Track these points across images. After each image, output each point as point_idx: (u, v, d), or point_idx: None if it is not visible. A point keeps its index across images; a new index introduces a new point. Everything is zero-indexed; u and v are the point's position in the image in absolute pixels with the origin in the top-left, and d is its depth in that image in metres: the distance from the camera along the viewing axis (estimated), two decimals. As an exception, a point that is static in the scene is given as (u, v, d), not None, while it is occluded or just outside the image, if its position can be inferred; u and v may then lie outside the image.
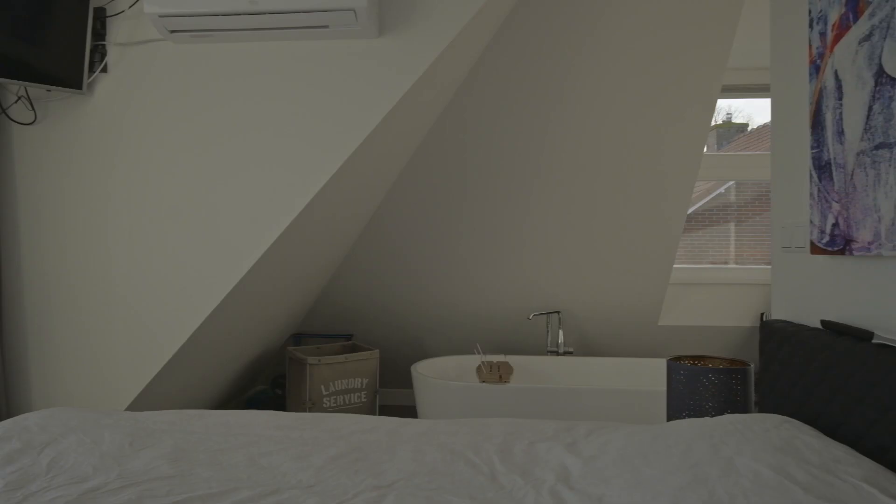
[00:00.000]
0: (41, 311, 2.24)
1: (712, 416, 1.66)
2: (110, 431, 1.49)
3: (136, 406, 2.26)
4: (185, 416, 1.65)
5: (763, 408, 1.62)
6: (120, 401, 2.24)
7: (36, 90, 2.19)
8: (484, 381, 2.74)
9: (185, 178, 2.18)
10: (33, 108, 2.20)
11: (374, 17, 2.08)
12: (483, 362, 2.91)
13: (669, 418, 1.80)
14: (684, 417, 1.75)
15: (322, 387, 2.95)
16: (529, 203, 3.07)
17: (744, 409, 1.71)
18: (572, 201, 3.06)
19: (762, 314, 3.41)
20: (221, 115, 2.17)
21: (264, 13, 2.01)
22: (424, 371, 2.97)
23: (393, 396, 3.64)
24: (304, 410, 2.92)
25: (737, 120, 4.04)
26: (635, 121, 2.84)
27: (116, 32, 2.19)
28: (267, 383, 3.69)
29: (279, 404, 3.36)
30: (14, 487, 1.17)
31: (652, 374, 3.15)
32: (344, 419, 1.67)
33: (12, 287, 2.24)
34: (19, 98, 2.20)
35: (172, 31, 2.09)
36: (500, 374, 2.80)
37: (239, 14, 2.01)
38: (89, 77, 2.17)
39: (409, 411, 3.38)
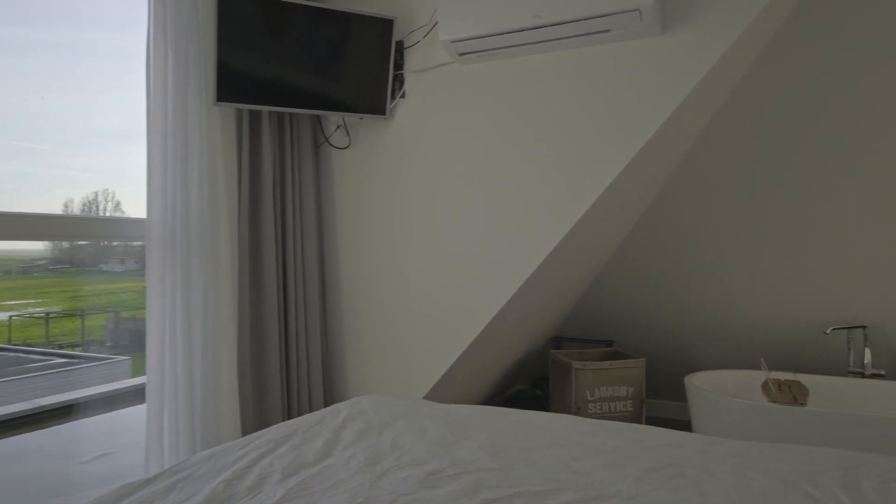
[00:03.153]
0: (356, 311, 2.60)
1: None
2: (430, 421, 1.65)
3: (428, 399, 2.50)
4: (487, 411, 1.77)
5: None
6: (415, 394, 2.49)
7: (350, 119, 2.56)
8: (774, 402, 2.45)
9: (474, 187, 2.35)
10: (348, 135, 2.58)
11: (658, 15, 2.01)
12: (770, 379, 2.61)
13: None
14: None
15: (587, 392, 2.94)
16: (827, 196, 2.67)
17: None
18: (884, 192, 2.58)
19: None
20: (504, 128, 2.29)
21: (547, 26, 2.07)
22: (700, 384, 2.77)
23: (659, 408, 3.47)
24: (570, 414, 2.94)
25: None
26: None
27: (413, 61, 2.45)
28: (526, 384, 3.80)
29: (540, 405, 3.43)
30: (372, 461, 1.36)
31: None
32: (644, 430, 1.63)
33: (333, 289, 2.65)
34: (338, 127, 2.59)
35: (462, 54, 2.27)
36: (793, 394, 2.48)
37: (523, 30, 2.11)
38: (391, 103, 2.46)
39: (680, 425, 3.18)
